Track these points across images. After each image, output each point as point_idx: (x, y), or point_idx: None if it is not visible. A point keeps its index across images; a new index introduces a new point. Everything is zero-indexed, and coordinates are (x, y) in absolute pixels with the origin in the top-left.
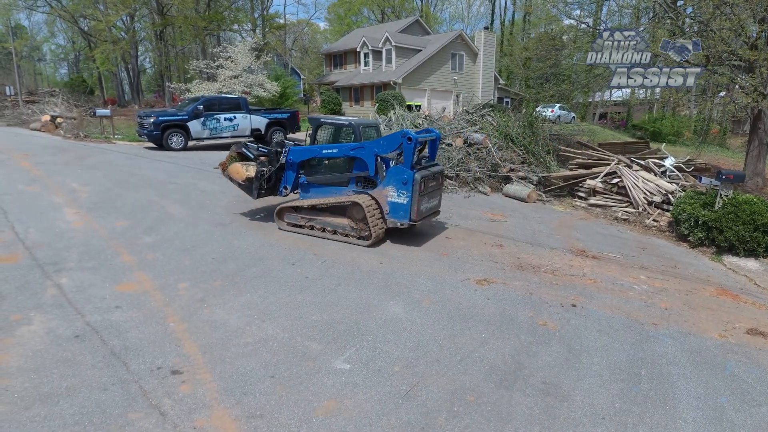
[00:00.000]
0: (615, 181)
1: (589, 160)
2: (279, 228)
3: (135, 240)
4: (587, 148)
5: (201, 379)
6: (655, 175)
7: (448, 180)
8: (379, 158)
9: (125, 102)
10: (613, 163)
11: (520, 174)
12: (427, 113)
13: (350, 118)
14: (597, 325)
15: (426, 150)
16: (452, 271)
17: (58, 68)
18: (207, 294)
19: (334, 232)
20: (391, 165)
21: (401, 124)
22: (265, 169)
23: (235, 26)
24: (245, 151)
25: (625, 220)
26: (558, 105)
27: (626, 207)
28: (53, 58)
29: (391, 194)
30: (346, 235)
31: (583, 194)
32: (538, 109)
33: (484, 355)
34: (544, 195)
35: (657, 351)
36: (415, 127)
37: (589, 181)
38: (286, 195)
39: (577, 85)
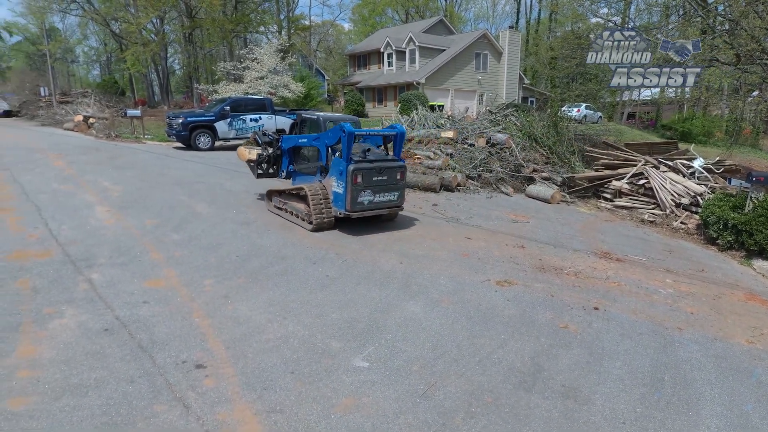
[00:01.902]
0: (642, 182)
1: (615, 161)
2: (268, 209)
3: (163, 238)
4: (613, 148)
5: (224, 373)
6: (683, 176)
7: (470, 180)
8: (330, 149)
9: (155, 103)
10: (640, 163)
11: (544, 175)
12: (449, 113)
13: (323, 113)
14: (620, 328)
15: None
16: (472, 271)
17: (90, 69)
18: (231, 291)
19: (297, 216)
20: (336, 156)
21: (423, 124)
22: (264, 153)
23: (262, 28)
24: (257, 137)
25: (651, 222)
26: (584, 104)
27: (653, 209)
28: (86, 59)
29: (334, 184)
30: (303, 219)
31: (608, 195)
32: (563, 108)
33: (503, 357)
34: (568, 196)
35: (681, 356)
36: (438, 127)
37: (614, 182)
38: (285, 179)
39: (604, 84)
